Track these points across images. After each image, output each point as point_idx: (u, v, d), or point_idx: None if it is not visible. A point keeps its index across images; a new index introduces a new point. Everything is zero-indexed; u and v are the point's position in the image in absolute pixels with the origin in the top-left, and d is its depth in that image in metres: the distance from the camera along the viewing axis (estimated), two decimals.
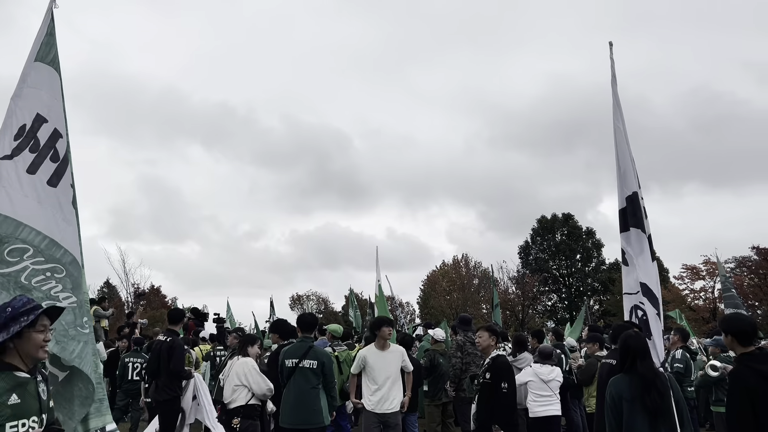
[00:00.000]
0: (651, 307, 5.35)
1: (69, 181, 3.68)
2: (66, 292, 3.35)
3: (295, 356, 6.26)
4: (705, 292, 40.57)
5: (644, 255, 5.50)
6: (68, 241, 3.49)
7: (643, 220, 5.56)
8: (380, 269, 16.01)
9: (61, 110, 3.78)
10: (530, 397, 7.71)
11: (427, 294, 51.20)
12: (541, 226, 55.02)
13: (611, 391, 4.21)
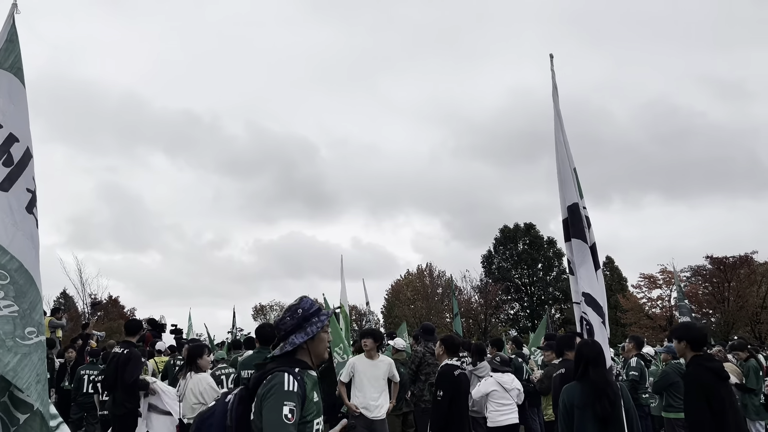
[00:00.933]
0: (595, 316, 5.39)
1: (25, 186, 3.54)
2: (7, 300, 3.19)
3: (252, 367, 6.16)
4: (662, 300, 41.56)
5: (586, 265, 5.56)
6: (16, 247, 3.34)
7: (585, 230, 5.62)
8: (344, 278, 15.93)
9: (19, 115, 3.65)
10: (491, 407, 7.74)
11: (391, 303, 51.22)
12: (503, 235, 55.69)
13: (563, 398, 4.27)
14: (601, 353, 4.41)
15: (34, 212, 3.59)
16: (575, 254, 5.64)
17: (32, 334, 3.24)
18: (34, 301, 3.34)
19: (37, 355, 3.22)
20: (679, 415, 8.01)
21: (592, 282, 5.54)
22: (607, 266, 50.52)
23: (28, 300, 3.31)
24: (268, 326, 7.16)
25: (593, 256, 5.62)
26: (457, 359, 6.71)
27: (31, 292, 3.34)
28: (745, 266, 36.72)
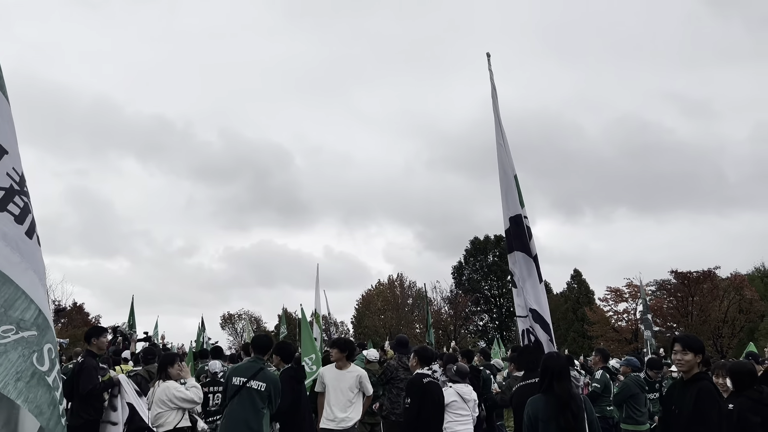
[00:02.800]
0: (543, 333, 5.32)
1: None
2: None
3: (244, 375, 6.06)
4: (627, 313, 42.22)
5: (532, 279, 5.42)
6: None
7: (528, 242, 5.51)
8: (320, 287, 15.90)
9: None
10: (449, 417, 7.76)
11: (362, 313, 51.12)
12: (474, 247, 56.11)
13: (528, 411, 4.32)
14: (565, 366, 4.48)
15: (9, 208, 3.46)
16: (520, 267, 5.54)
17: (9, 332, 3.13)
18: (11, 298, 3.24)
19: (17, 352, 3.09)
20: (638, 428, 8.17)
21: (539, 297, 5.43)
22: (575, 279, 51.19)
23: (2, 299, 3.21)
24: (265, 336, 7.10)
25: (537, 268, 5.51)
26: (429, 370, 6.74)
27: (5, 290, 3.24)
28: (708, 281, 37.59)
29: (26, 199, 3.62)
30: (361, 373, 7.00)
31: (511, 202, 5.57)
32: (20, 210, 3.54)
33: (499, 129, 5.59)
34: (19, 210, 3.54)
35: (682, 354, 4.18)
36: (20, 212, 3.54)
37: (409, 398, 6.42)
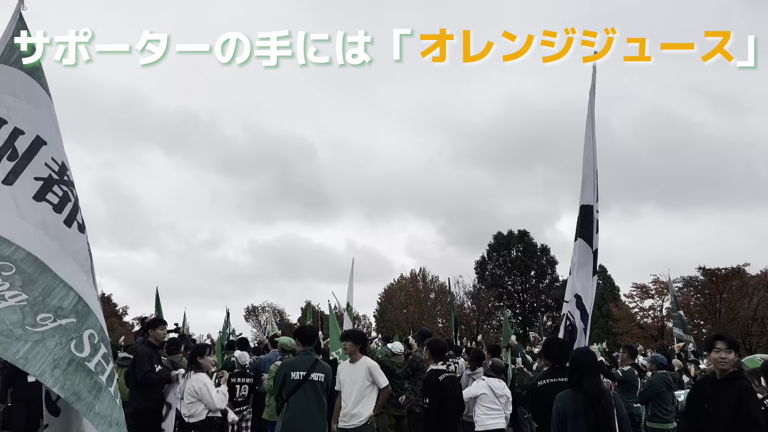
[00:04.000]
0: (580, 322, 5.44)
1: (32, 176, 3.55)
2: (14, 290, 3.16)
3: (302, 369, 6.11)
4: (654, 310, 41.70)
5: (586, 269, 5.56)
6: (21, 237, 3.34)
7: (593, 234, 5.59)
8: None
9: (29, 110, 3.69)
10: (480, 410, 7.79)
11: (384, 307, 51.20)
12: (497, 242, 55.77)
13: (557, 406, 4.31)
14: (595, 362, 4.47)
15: (48, 198, 3.57)
16: (578, 254, 5.67)
17: (46, 320, 3.18)
18: (49, 286, 3.31)
19: (54, 340, 3.14)
20: (664, 426, 8.08)
21: (587, 287, 5.56)
22: (600, 275, 50.49)
23: (40, 287, 3.28)
24: (309, 327, 7.11)
25: (594, 261, 5.65)
26: (443, 363, 6.68)
27: (42, 279, 3.31)
28: (737, 278, 36.91)
29: (66, 188, 3.71)
30: (371, 365, 6.66)
31: (586, 192, 5.68)
32: (59, 199, 3.63)
33: (591, 122, 5.73)
34: (58, 199, 3.63)
35: (726, 352, 4.14)
36: (59, 201, 3.63)
37: (428, 398, 6.39)
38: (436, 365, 6.65)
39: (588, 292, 5.51)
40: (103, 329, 3.43)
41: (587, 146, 5.74)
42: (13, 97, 3.69)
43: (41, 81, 3.89)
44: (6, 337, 2.99)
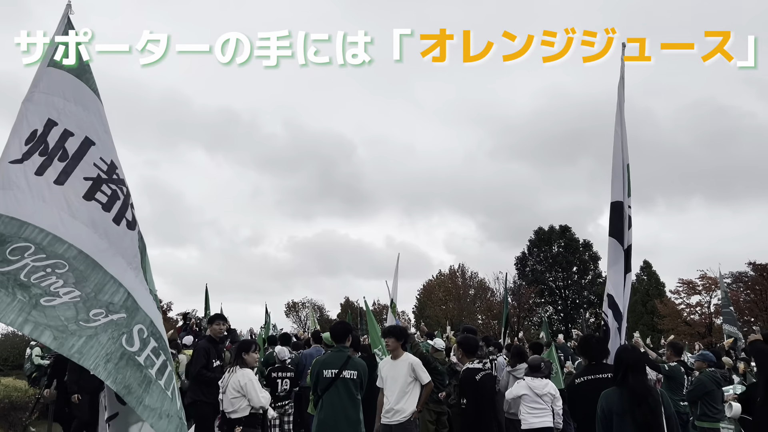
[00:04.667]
0: (613, 321, 5.33)
1: (82, 176, 3.67)
2: (68, 287, 3.26)
3: (334, 366, 6.13)
4: (701, 307, 40.58)
5: (617, 267, 5.45)
6: (73, 235, 3.45)
7: (624, 231, 5.47)
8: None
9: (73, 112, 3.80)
10: (524, 409, 7.75)
11: (423, 303, 51.13)
12: (538, 237, 55.05)
13: (602, 404, 4.23)
14: (640, 359, 4.36)
15: (98, 197, 3.67)
16: (609, 253, 5.56)
17: (99, 315, 3.27)
18: (100, 283, 3.40)
19: (107, 334, 3.23)
20: (714, 425, 7.85)
21: (618, 285, 5.45)
22: (645, 271, 49.50)
23: (92, 283, 3.37)
24: (342, 324, 7.13)
25: (626, 258, 5.51)
26: (478, 361, 6.58)
27: (94, 276, 3.41)
28: None
29: (114, 187, 3.81)
30: (413, 360, 6.66)
31: (615, 189, 5.57)
32: (108, 198, 3.73)
33: (620, 115, 5.58)
34: (107, 198, 3.73)
35: None
36: (108, 200, 3.72)
37: (465, 398, 6.33)
38: (471, 364, 6.59)
39: (620, 292, 5.39)
40: (153, 323, 3.50)
41: (616, 140, 5.63)
42: (62, 99, 3.81)
43: (89, 82, 3.98)
44: (61, 332, 3.09)
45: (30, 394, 12.67)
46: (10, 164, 3.54)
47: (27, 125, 3.67)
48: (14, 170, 3.53)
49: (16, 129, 3.66)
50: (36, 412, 11.90)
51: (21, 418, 11.60)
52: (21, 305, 3.08)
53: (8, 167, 3.53)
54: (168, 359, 3.48)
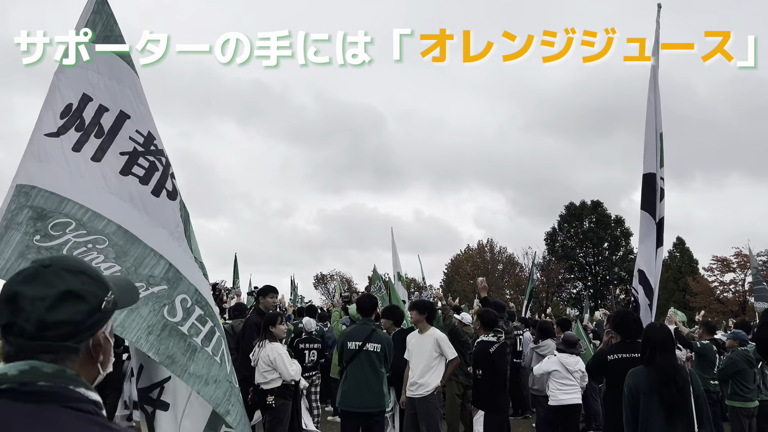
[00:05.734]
0: (644, 297, 5.25)
1: (118, 151, 3.68)
2: (108, 262, 3.32)
3: (358, 339, 6.22)
4: (735, 284, 39.84)
5: (648, 241, 5.34)
6: (111, 211, 3.49)
7: (656, 204, 5.34)
8: (398, 252, 16.04)
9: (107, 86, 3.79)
10: (554, 386, 7.72)
11: (450, 278, 51.19)
12: (569, 213, 54.41)
13: (629, 382, 4.17)
14: (669, 337, 4.29)
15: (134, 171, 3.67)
16: (641, 227, 5.47)
17: (140, 288, 3.27)
18: (140, 256, 3.45)
19: (148, 308, 3.28)
20: (745, 404, 7.74)
21: (650, 260, 5.37)
22: (678, 248, 48.69)
23: (132, 258, 3.42)
24: (368, 297, 7.15)
25: (658, 232, 5.41)
26: (493, 334, 6.64)
27: (134, 250, 3.45)
28: None
29: (152, 158, 3.81)
30: (439, 336, 6.68)
31: (647, 160, 5.44)
32: (145, 171, 3.73)
33: (654, 85, 5.45)
34: (144, 171, 3.73)
35: None
36: (145, 173, 3.73)
37: (480, 369, 6.45)
38: (487, 336, 6.64)
39: (651, 267, 5.29)
40: (198, 291, 3.53)
41: (649, 107, 5.49)
42: (96, 73, 3.81)
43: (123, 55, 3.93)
44: None
45: None
46: (45, 137, 3.57)
47: (61, 98, 3.67)
48: (51, 144, 3.56)
49: (49, 101, 3.66)
50: None
51: None
52: None
53: (44, 140, 3.57)
54: (216, 325, 3.53)
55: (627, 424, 4.18)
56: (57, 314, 1.28)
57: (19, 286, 1.30)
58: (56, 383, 1.25)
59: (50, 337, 1.28)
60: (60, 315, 1.28)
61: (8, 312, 1.28)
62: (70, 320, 1.29)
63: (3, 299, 1.30)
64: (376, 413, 6.20)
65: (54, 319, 1.28)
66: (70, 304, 1.30)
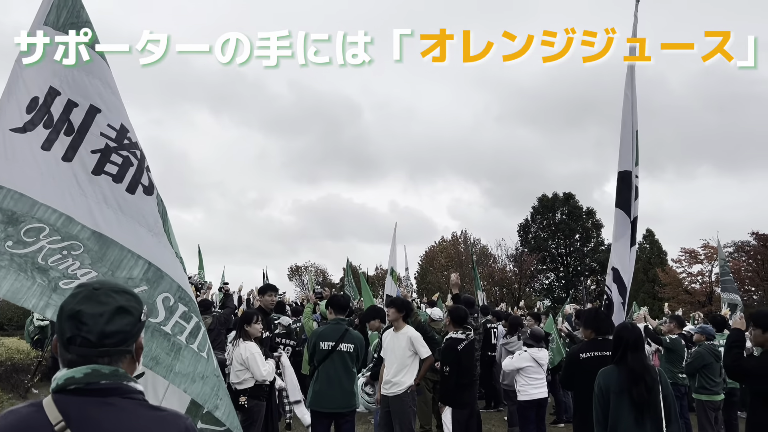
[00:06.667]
0: (617, 296, 5.28)
1: (89, 149, 3.52)
2: (84, 269, 3.22)
3: (331, 339, 6.18)
4: (702, 276, 40.70)
5: (623, 240, 5.36)
6: (83, 214, 3.37)
7: (631, 201, 5.37)
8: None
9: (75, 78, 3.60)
10: (523, 380, 7.76)
11: (425, 270, 51.37)
12: (541, 204, 54.96)
13: (599, 382, 4.21)
14: (640, 337, 4.33)
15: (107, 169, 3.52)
16: (616, 225, 5.47)
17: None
18: (117, 259, 3.34)
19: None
20: (712, 398, 7.89)
21: (624, 259, 5.39)
22: (648, 239, 49.54)
23: (108, 262, 3.31)
24: (342, 296, 7.10)
25: (632, 231, 5.45)
26: (462, 331, 6.67)
27: (110, 254, 3.34)
28: None
29: (126, 152, 3.66)
30: (413, 335, 6.66)
31: (623, 158, 5.43)
32: (118, 167, 3.58)
33: (631, 82, 5.41)
34: (117, 168, 3.58)
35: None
36: (118, 170, 3.58)
37: (447, 366, 6.50)
38: (456, 333, 6.66)
39: (626, 265, 5.32)
40: (180, 287, 3.45)
41: (626, 107, 5.46)
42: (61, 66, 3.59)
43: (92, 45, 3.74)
44: None
45: (32, 356, 12.76)
46: (12, 132, 3.41)
47: (26, 90, 3.50)
48: (19, 141, 3.40)
49: (12, 91, 3.49)
50: (38, 375, 12.01)
51: (23, 380, 11.71)
52: (41, 289, 3.08)
53: (11, 136, 3.41)
54: (200, 320, 3.46)
55: (597, 423, 4.22)
56: (113, 326, 1.64)
57: (79, 306, 1.63)
58: (114, 381, 1.62)
59: (108, 344, 1.63)
60: (115, 326, 1.65)
61: (72, 327, 1.62)
62: (122, 330, 1.66)
63: (66, 317, 1.63)
64: (347, 413, 6.20)
65: (111, 330, 1.63)
66: (121, 317, 1.66)
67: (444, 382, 6.67)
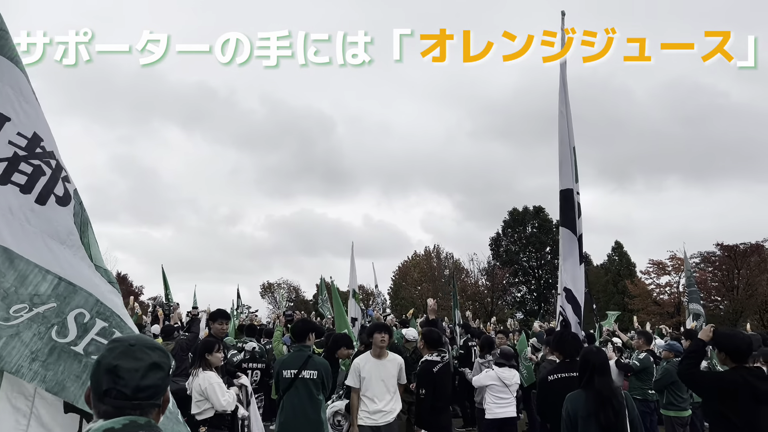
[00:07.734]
0: (573, 315, 5.26)
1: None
2: None
3: (293, 367, 5.98)
4: (670, 287, 41.41)
5: (572, 259, 5.32)
6: None
7: (575, 219, 5.34)
8: (352, 264, 15.89)
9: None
10: (489, 399, 7.78)
11: (398, 285, 51.33)
12: (512, 218, 55.50)
13: (567, 407, 4.21)
14: (606, 361, 4.35)
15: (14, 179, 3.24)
16: (563, 244, 5.44)
17: (21, 311, 2.97)
18: (22, 275, 3.08)
19: (31, 331, 2.94)
20: (679, 414, 7.98)
21: (576, 278, 5.34)
22: (616, 251, 50.31)
23: (11, 278, 3.05)
24: (301, 322, 6.93)
25: (579, 248, 5.40)
26: (437, 354, 6.62)
27: (13, 269, 3.07)
28: (756, 254, 36.46)
29: (38, 161, 3.40)
30: (400, 361, 6.57)
31: (564, 176, 5.37)
32: (27, 177, 3.32)
33: (564, 97, 5.32)
34: (26, 177, 3.32)
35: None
36: (27, 180, 3.31)
37: (423, 389, 6.42)
38: (431, 356, 6.61)
39: (577, 284, 5.30)
40: (99, 302, 3.19)
41: (561, 124, 5.39)
42: None
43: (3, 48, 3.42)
44: None
45: None
46: None
47: None
48: None
49: None
50: None
51: None
52: None
53: None
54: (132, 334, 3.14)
55: None
56: (147, 381, 1.77)
57: (117, 360, 1.76)
58: (148, 430, 1.74)
59: (141, 397, 1.76)
60: (149, 381, 1.78)
61: (109, 380, 1.74)
62: (155, 384, 1.79)
63: (104, 371, 1.76)
64: None
65: (145, 384, 1.77)
66: (154, 372, 1.79)
67: (419, 404, 6.57)
